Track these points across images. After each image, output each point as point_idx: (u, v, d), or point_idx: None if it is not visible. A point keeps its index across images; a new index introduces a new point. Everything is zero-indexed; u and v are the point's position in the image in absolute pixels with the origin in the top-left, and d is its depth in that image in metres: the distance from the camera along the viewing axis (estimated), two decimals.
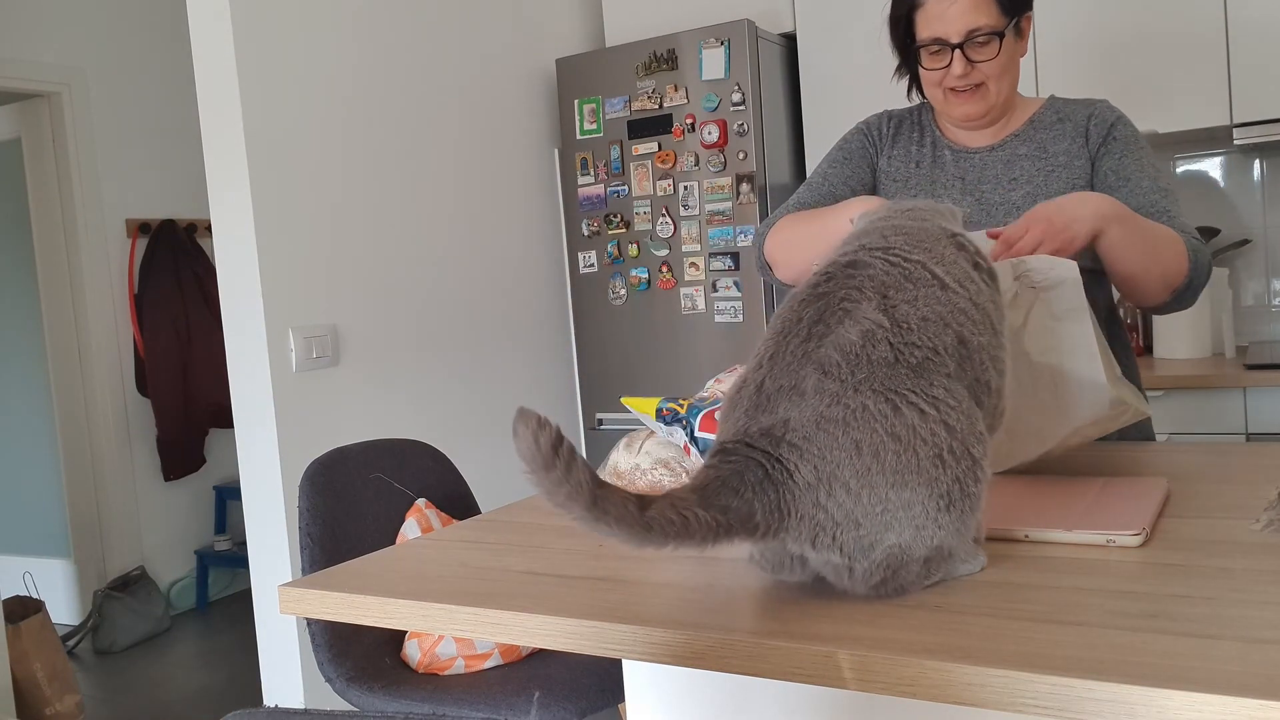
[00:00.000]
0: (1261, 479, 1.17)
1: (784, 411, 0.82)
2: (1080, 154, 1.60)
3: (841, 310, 0.86)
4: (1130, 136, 1.59)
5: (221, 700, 3.34)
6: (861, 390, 0.81)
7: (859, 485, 0.80)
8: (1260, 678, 0.65)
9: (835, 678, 0.76)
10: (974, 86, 1.56)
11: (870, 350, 0.83)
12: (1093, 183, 1.59)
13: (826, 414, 0.81)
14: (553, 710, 1.59)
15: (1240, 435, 2.44)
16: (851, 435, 0.80)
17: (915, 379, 0.83)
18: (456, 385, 2.93)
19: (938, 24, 1.53)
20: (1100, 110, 1.62)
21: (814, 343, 0.84)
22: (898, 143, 1.74)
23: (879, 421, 0.80)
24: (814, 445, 0.81)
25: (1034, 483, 1.18)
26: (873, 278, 0.89)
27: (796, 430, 0.81)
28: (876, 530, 0.81)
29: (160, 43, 4.49)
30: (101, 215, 4.22)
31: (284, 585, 1.06)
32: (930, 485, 0.82)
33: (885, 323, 0.85)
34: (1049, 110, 1.65)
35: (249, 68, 2.36)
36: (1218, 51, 2.61)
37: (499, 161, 3.13)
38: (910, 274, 0.90)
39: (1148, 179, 1.56)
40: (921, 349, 0.85)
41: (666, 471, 1.37)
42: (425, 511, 1.87)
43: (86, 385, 4.22)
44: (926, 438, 0.81)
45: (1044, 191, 1.59)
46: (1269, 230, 2.92)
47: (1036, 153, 1.62)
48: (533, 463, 0.75)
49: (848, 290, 0.88)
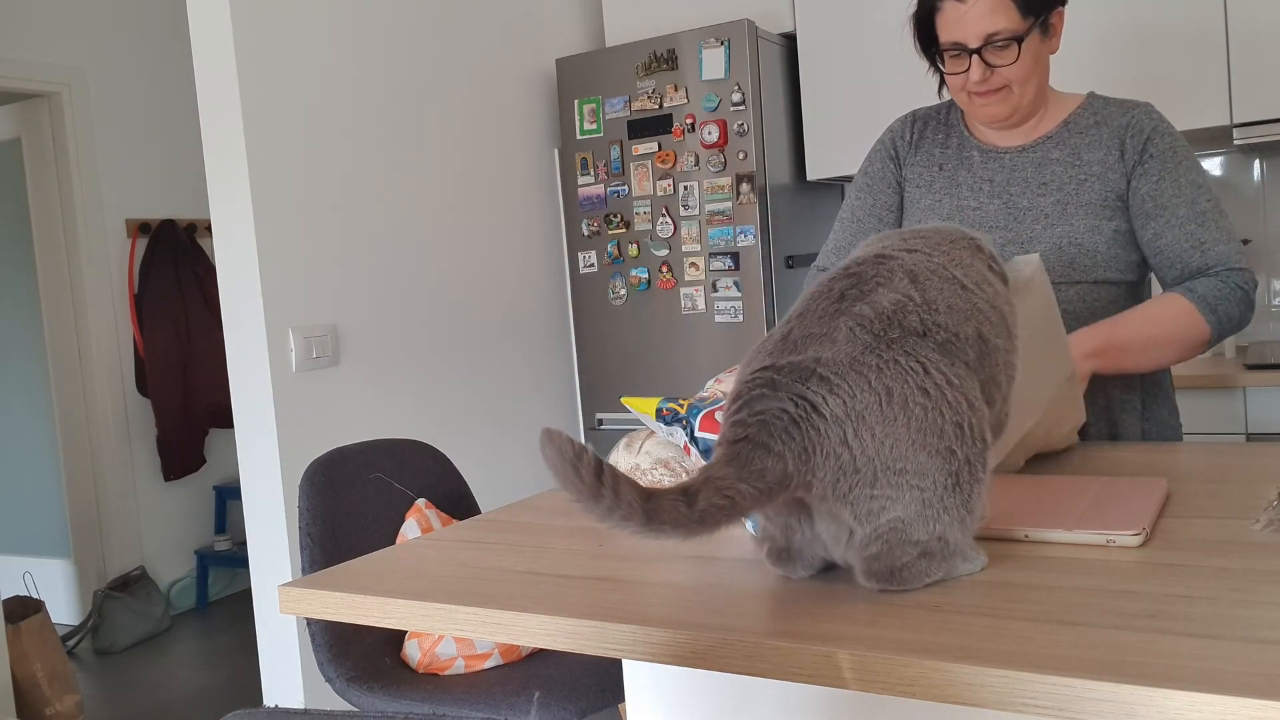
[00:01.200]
0: (1261, 479, 1.17)
1: (814, 351, 0.82)
2: (1115, 167, 1.54)
3: (875, 283, 0.88)
4: (1168, 151, 1.53)
5: (221, 700, 3.34)
6: (894, 347, 0.82)
7: (884, 433, 0.80)
8: (1260, 678, 0.65)
9: (835, 678, 0.76)
10: (998, 89, 1.52)
11: (902, 317, 0.84)
12: (1129, 203, 1.54)
13: (860, 358, 0.80)
14: (553, 710, 1.59)
15: (1240, 435, 2.44)
16: (884, 380, 0.80)
17: (941, 355, 0.84)
18: (456, 385, 2.93)
19: (955, 28, 1.49)
20: (1138, 119, 1.55)
21: (847, 303, 0.86)
22: (921, 148, 1.70)
23: (910, 376, 0.80)
24: (845, 382, 0.80)
25: (1034, 483, 1.18)
26: (902, 264, 0.91)
27: (828, 365, 0.81)
28: (888, 493, 0.81)
29: (160, 43, 4.49)
30: (101, 215, 4.22)
31: (284, 585, 1.06)
32: (946, 457, 0.82)
33: (917, 297, 0.86)
34: (1086, 112, 1.59)
35: (249, 68, 2.36)
36: (1218, 51, 2.61)
37: (499, 161, 3.13)
38: (935, 270, 0.91)
39: (1184, 204, 1.51)
40: (946, 330, 0.86)
41: (666, 471, 1.37)
42: (425, 511, 1.87)
43: (86, 385, 4.22)
44: (952, 402, 0.82)
45: (1075, 200, 1.54)
46: (1269, 230, 2.92)
47: (1070, 158, 1.57)
48: (579, 495, 0.75)
49: (879, 272, 0.90)
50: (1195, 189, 1.52)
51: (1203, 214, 1.51)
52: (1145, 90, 2.69)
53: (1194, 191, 1.52)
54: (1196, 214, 1.51)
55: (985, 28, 1.46)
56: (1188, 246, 1.51)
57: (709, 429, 1.29)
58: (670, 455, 1.38)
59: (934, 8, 1.51)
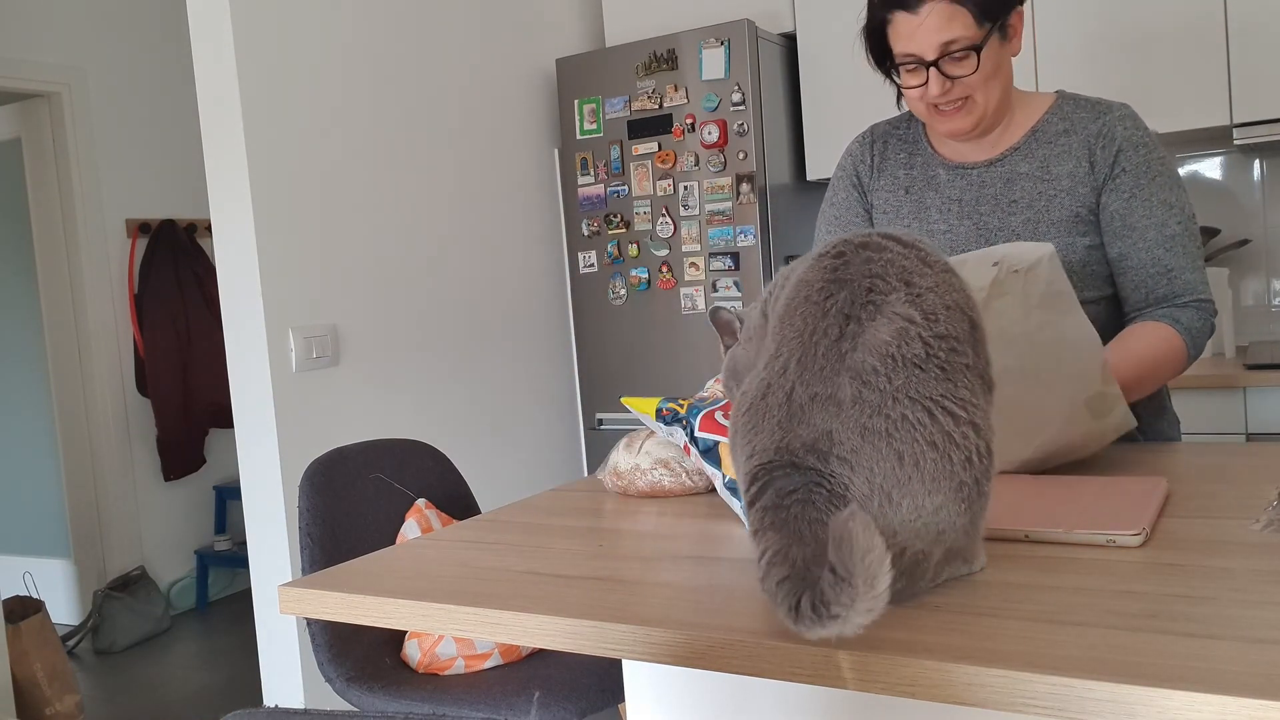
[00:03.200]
0: (1261, 479, 1.17)
1: (822, 422, 0.80)
2: (1085, 180, 1.48)
3: (871, 305, 0.83)
4: (1141, 165, 1.47)
5: (221, 700, 3.34)
6: (900, 400, 0.80)
7: (900, 495, 0.80)
8: (1260, 678, 0.65)
9: (835, 678, 0.76)
10: (961, 100, 1.45)
11: (904, 349, 0.81)
12: (1099, 219, 1.49)
13: (869, 425, 0.79)
14: (553, 710, 1.59)
15: (1240, 435, 2.44)
16: (894, 446, 0.79)
17: (945, 381, 0.81)
18: (456, 385, 2.93)
19: (909, 40, 1.42)
20: (1109, 126, 1.48)
21: (847, 343, 0.82)
22: (884, 170, 1.63)
23: (918, 430, 0.79)
24: (862, 458, 0.79)
25: (1034, 483, 1.18)
26: (892, 262, 0.85)
27: (842, 444, 0.80)
28: (907, 538, 0.81)
29: (160, 43, 4.49)
30: (101, 215, 4.22)
31: (284, 585, 1.06)
32: (957, 489, 0.81)
33: (916, 317, 0.82)
34: (1055, 117, 1.52)
35: (249, 68, 2.36)
36: (1218, 51, 2.61)
37: (499, 161, 3.13)
38: (925, 257, 0.87)
39: (1154, 226, 1.46)
40: (948, 340, 0.83)
41: (666, 471, 1.37)
42: (425, 511, 1.87)
43: (86, 385, 4.22)
44: (959, 441, 0.81)
45: (1045, 219, 1.49)
46: (1269, 230, 2.92)
47: (1039, 172, 1.50)
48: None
49: (872, 279, 0.85)
50: (1167, 209, 1.47)
51: (1172, 238, 1.46)
52: (1145, 90, 2.69)
53: (1165, 213, 1.46)
54: (1166, 238, 1.46)
55: (940, 38, 1.40)
56: (1155, 272, 1.47)
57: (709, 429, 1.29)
58: (670, 455, 1.38)
59: (885, 19, 1.44)
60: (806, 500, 0.80)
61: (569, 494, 1.45)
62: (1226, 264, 2.94)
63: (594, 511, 1.32)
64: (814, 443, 0.80)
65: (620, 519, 1.26)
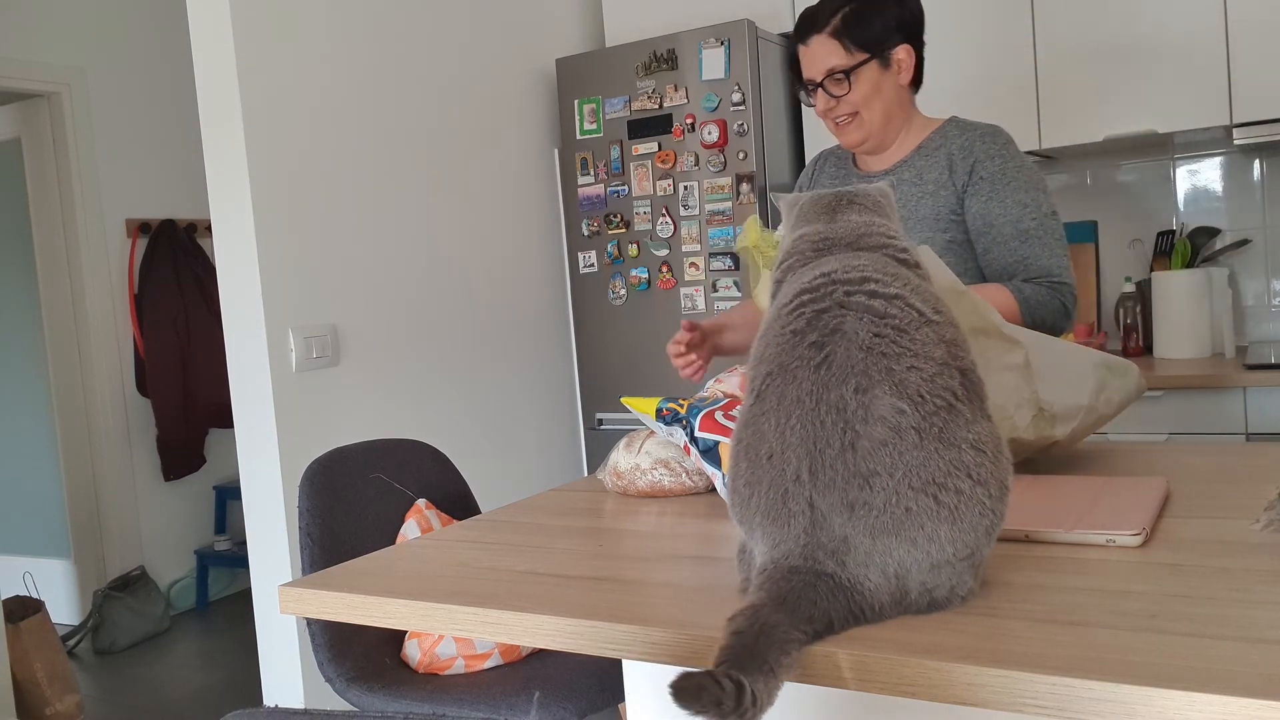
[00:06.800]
0: (1261, 479, 1.17)
1: (839, 528, 0.82)
2: (947, 184, 1.74)
3: (862, 408, 0.83)
4: (996, 173, 1.71)
5: (221, 700, 3.34)
6: (903, 493, 0.81)
7: (927, 566, 0.82)
8: (1260, 678, 0.65)
9: (835, 678, 0.76)
10: (850, 115, 1.76)
11: (900, 440, 0.82)
12: (965, 221, 1.74)
13: (877, 525, 0.81)
14: (553, 710, 1.59)
15: (1240, 435, 2.44)
16: (907, 536, 0.81)
17: (944, 449, 0.82)
18: (456, 385, 2.93)
19: (806, 68, 1.77)
20: (970, 141, 1.74)
21: (849, 453, 0.83)
22: (819, 183, 1.95)
23: (927, 517, 0.81)
24: (875, 555, 0.82)
25: (1034, 483, 1.18)
26: (864, 346, 0.85)
27: (858, 548, 0.82)
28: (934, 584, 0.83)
29: (160, 43, 4.49)
30: (101, 215, 4.22)
31: (284, 585, 1.06)
32: (983, 534, 0.83)
33: (905, 408, 0.83)
34: (937, 135, 1.79)
35: (249, 68, 2.36)
36: (1218, 51, 2.61)
37: (499, 161, 3.13)
38: (900, 323, 0.86)
39: (1010, 223, 1.70)
40: (940, 414, 0.83)
41: (666, 471, 1.37)
42: (425, 511, 1.87)
43: (86, 385, 4.22)
44: (972, 504, 0.82)
45: (914, 216, 1.75)
46: (1269, 230, 2.92)
47: (915, 179, 1.78)
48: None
49: (859, 377, 0.84)
50: (1021, 208, 1.70)
51: (1026, 232, 1.69)
52: (1146, 90, 2.69)
53: (1020, 211, 1.70)
54: (1021, 232, 1.70)
55: (822, 65, 1.74)
56: (1013, 262, 1.70)
57: (709, 429, 1.29)
58: (670, 455, 1.38)
59: (795, 52, 1.80)
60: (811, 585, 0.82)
61: (569, 494, 1.45)
62: (1226, 264, 2.94)
63: (594, 511, 1.32)
64: (834, 550, 0.82)
65: (620, 519, 1.27)
